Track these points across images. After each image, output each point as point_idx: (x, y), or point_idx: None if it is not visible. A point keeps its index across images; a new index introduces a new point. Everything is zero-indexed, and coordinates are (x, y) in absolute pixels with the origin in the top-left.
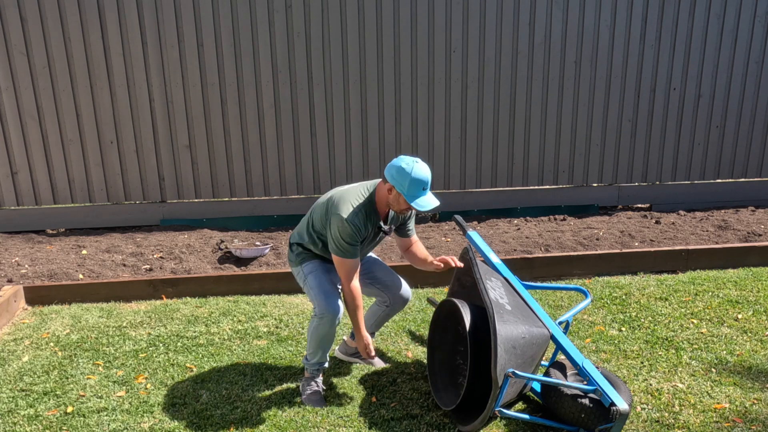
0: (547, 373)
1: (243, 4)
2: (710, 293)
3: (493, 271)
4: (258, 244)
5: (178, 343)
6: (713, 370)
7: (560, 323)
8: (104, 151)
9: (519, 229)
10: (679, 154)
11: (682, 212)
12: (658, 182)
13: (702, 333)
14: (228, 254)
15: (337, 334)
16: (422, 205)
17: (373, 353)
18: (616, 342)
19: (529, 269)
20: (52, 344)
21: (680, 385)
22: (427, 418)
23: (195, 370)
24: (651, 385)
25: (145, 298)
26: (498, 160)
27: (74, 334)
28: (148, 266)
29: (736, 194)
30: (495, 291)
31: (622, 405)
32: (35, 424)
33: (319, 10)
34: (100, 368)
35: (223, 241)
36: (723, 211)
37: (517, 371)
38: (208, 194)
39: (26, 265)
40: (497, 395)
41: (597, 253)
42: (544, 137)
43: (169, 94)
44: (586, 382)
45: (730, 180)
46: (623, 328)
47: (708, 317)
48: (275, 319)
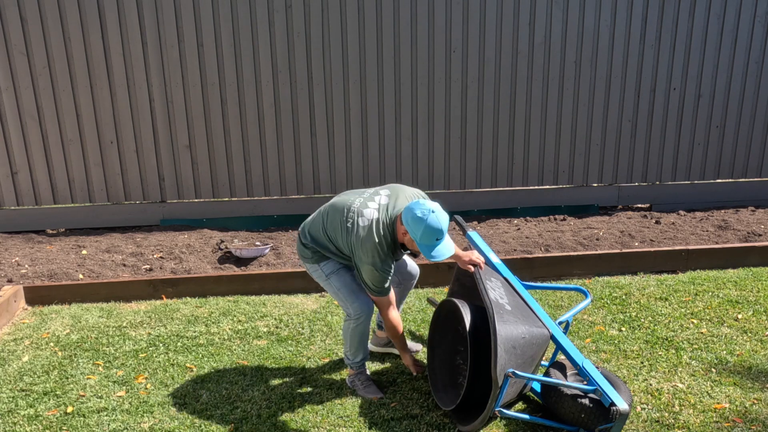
0: (547, 373)
1: (243, 4)
2: (710, 293)
3: (493, 272)
4: (258, 244)
5: (178, 343)
6: (713, 370)
7: (560, 323)
8: (104, 151)
9: (519, 229)
10: (679, 154)
11: (682, 212)
12: (658, 182)
13: (702, 333)
14: (228, 254)
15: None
16: (435, 256)
17: (419, 368)
18: (616, 342)
19: (529, 269)
20: (52, 344)
21: (680, 385)
22: (427, 418)
23: (195, 370)
24: (651, 385)
25: (145, 298)
26: (498, 160)
27: (74, 334)
28: (148, 266)
29: (736, 194)
30: (495, 291)
31: (622, 405)
32: (35, 424)
33: (319, 10)
34: (100, 368)
35: (223, 241)
36: (723, 211)
37: (517, 371)
38: (208, 194)
39: (26, 265)
40: (497, 395)
41: (597, 253)
42: (544, 137)
43: (169, 94)
44: (586, 382)
45: (730, 180)
46: (623, 328)
47: (708, 317)
48: (275, 319)
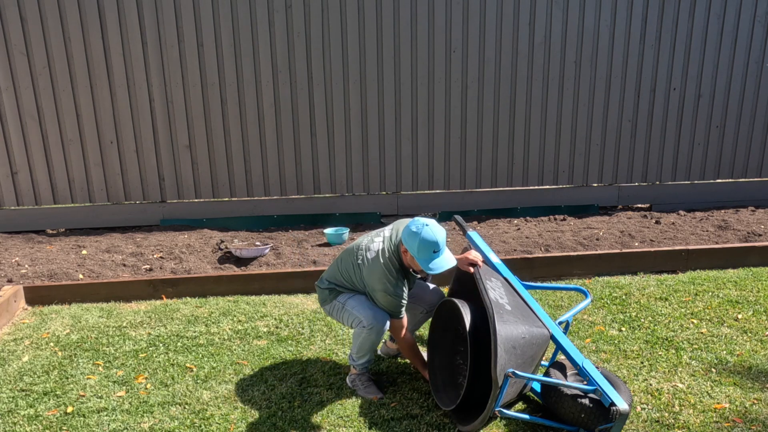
0: (547, 373)
1: (243, 4)
2: (710, 293)
3: (493, 272)
4: (258, 244)
5: (178, 343)
6: (713, 370)
7: (560, 323)
8: (104, 151)
9: (519, 229)
10: (679, 154)
11: (682, 212)
12: (658, 182)
13: (702, 333)
14: (228, 254)
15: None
16: (433, 268)
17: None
18: (616, 342)
19: (529, 269)
20: (52, 344)
21: (680, 385)
22: (427, 418)
23: (195, 370)
24: (651, 385)
25: (145, 298)
26: (498, 160)
27: (74, 334)
28: (148, 266)
29: (736, 194)
30: (495, 291)
31: (622, 405)
32: (35, 424)
33: (319, 10)
34: (100, 368)
35: (223, 241)
36: (723, 211)
37: (517, 371)
38: (208, 194)
39: (26, 265)
40: (497, 395)
41: (597, 253)
42: (544, 137)
43: (169, 94)
44: (586, 382)
45: (730, 180)
46: (623, 328)
47: (708, 317)
48: (275, 319)
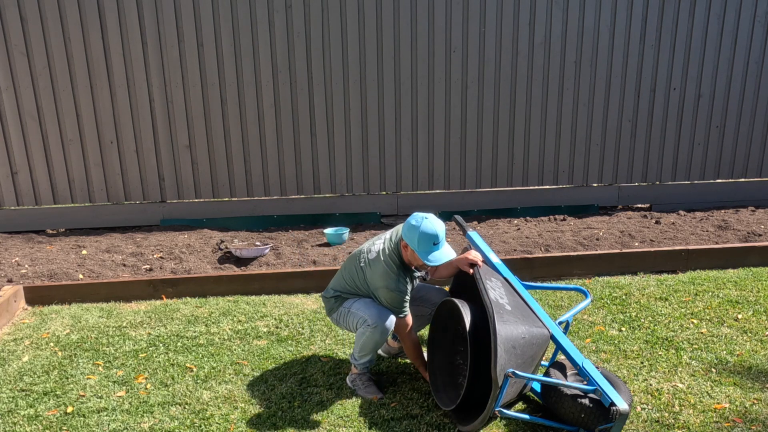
0: (547, 373)
1: (243, 4)
2: (710, 293)
3: (493, 272)
4: (258, 244)
5: (178, 343)
6: (713, 370)
7: (560, 323)
8: (104, 151)
9: (519, 229)
10: (679, 154)
11: (682, 212)
12: (658, 182)
13: (702, 333)
14: (228, 254)
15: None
16: (433, 260)
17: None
18: (616, 342)
19: (529, 269)
20: (52, 344)
21: (680, 385)
22: (427, 418)
23: (195, 370)
24: (651, 385)
25: (145, 298)
26: (498, 160)
27: (74, 334)
28: (148, 266)
29: (736, 194)
30: (495, 291)
31: (622, 405)
32: (35, 424)
33: (319, 10)
34: (100, 368)
35: (223, 241)
36: (723, 211)
37: (517, 371)
38: (208, 194)
39: (26, 265)
40: (497, 395)
41: (597, 253)
42: (544, 137)
43: (169, 94)
44: (586, 382)
45: (730, 180)
46: (623, 328)
47: (708, 317)
48: (275, 319)
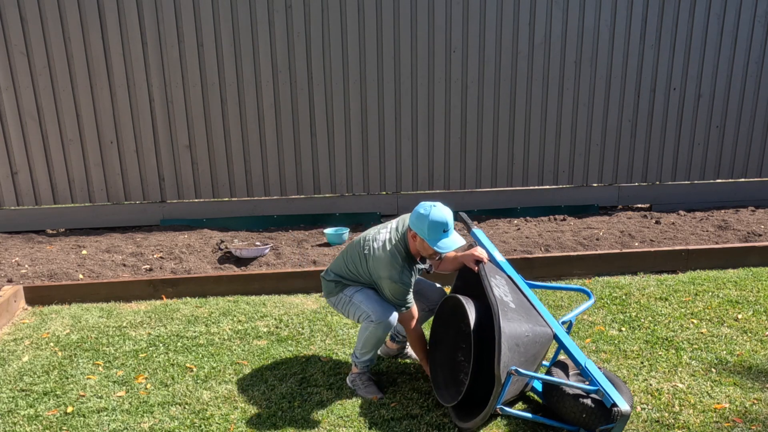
0: (549, 373)
1: (243, 4)
2: (710, 293)
3: (498, 269)
4: (258, 244)
5: (178, 343)
6: (713, 370)
7: (563, 323)
8: (104, 151)
9: (519, 229)
10: (679, 154)
11: (682, 212)
12: (658, 182)
13: (702, 333)
14: (228, 254)
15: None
16: (443, 248)
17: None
18: (616, 342)
19: (529, 269)
20: (52, 344)
21: (680, 385)
22: (427, 418)
23: (195, 370)
24: (651, 385)
25: (145, 298)
26: (498, 160)
27: (74, 334)
28: (148, 266)
29: (736, 194)
30: (499, 288)
31: (624, 406)
32: (35, 424)
33: (319, 10)
34: (100, 368)
35: (223, 241)
36: (723, 211)
37: (520, 369)
38: (208, 194)
39: (26, 265)
40: (499, 392)
41: (597, 253)
42: (544, 137)
43: (169, 94)
44: (588, 383)
45: (730, 180)
46: (623, 328)
47: (708, 317)
48: (275, 319)
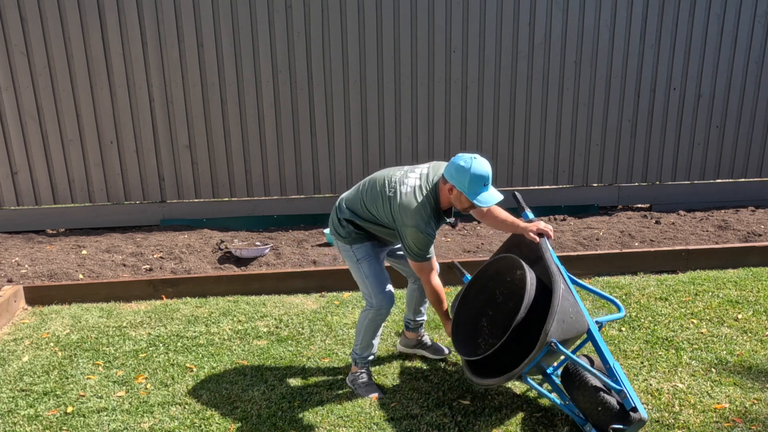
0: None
1: (243, 4)
2: (710, 293)
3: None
4: (258, 244)
5: (178, 343)
6: (713, 370)
7: (596, 322)
8: (104, 151)
9: None
10: (679, 154)
11: (682, 212)
12: (658, 182)
13: (702, 333)
14: (228, 254)
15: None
16: (484, 201)
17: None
18: (616, 342)
19: None
20: (52, 344)
21: (680, 385)
22: (427, 418)
23: (195, 370)
24: (651, 385)
25: (145, 298)
26: (498, 160)
27: (74, 334)
28: (148, 266)
29: (736, 194)
30: (555, 267)
31: (643, 413)
32: (35, 424)
33: (319, 10)
34: (100, 368)
35: (223, 241)
36: (723, 211)
37: (558, 344)
38: (208, 194)
39: (26, 265)
40: (534, 357)
41: (597, 253)
42: (544, 137)
43: (169, 94)
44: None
45: (730, 180)
46: (623, 328)
47: (708, 317)
48: (275, 319)
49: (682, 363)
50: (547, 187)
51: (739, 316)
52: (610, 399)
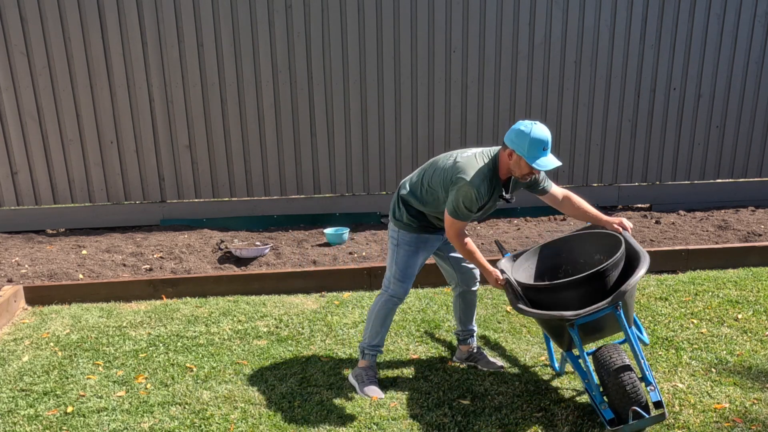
0: (604, 348)
1: (243, 4)
2: (710, 293)
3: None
4: (258, 244)
5: (178, 343)
6: (713, 370)
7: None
8: (104, 151)
9: (519, 229)
10: (679, 154)
11: (682, 212)
12: (658, 182)
13: (702, 333)
14: (228, 254)
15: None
16: (543, 165)
17: (501, 280)
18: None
19: None
20: (52, 344)
21: (680, 385)
22: (427, 418)
23: (195, 370)
24: None
25: (145, 298)
26: None
27: (74, 334)
28: (148, 266)
29: (736, 194)
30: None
31: (665, 409)
32: (35, 424)
33: (319, 10)
34: (100, 368)
35: (223, 241)
36: (723, 211)
37: (620, 311)
38: (208, 194)
39: (26, 265)
40: (599, 308)
41: None
42: None
43: (169, 94)
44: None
45: (730, 180)
46: None
47: (708, 317)
48: (275, 319)
49: (682, 363)
50: None
51: (739, 316)
52: (641, 385)
